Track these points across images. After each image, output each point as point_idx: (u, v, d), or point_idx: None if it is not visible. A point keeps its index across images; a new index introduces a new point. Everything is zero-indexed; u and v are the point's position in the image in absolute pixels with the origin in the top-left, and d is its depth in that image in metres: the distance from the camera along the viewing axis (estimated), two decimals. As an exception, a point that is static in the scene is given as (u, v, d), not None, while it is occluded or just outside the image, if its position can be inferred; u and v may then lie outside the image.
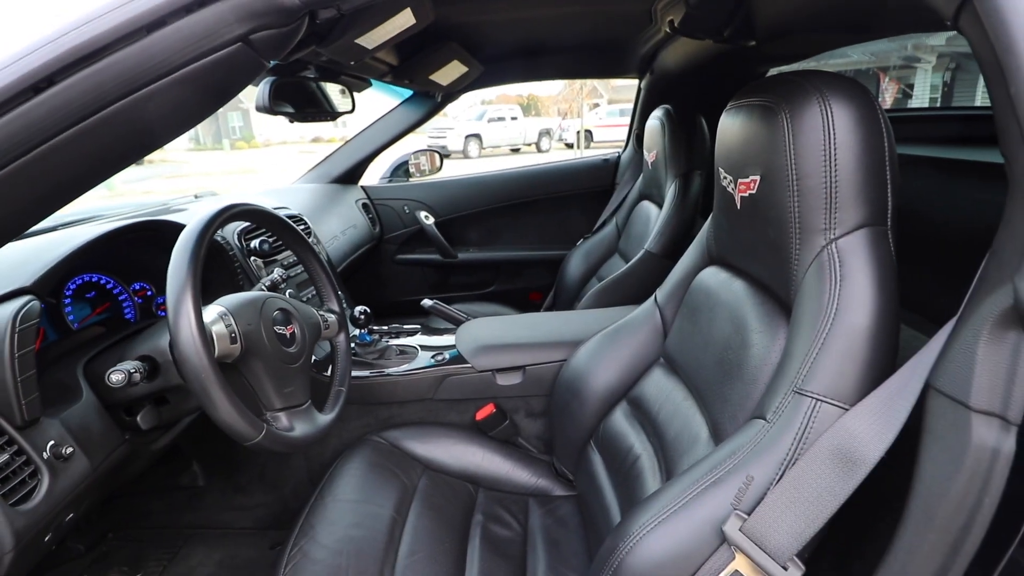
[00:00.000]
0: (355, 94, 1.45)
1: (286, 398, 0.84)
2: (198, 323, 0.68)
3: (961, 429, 0.46)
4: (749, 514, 0.57)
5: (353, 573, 0.86)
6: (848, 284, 0.60)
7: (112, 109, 0.44)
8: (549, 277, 2.15)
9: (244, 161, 15.87)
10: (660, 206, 1.62)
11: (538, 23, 1.40)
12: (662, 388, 0.98)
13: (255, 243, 1.20)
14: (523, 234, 2.26)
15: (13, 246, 0.77)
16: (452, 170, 2.40)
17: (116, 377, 0.67)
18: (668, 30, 1.13)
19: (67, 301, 0.90)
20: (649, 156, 1.69)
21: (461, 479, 1.16)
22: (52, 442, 0.70)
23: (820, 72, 0.66)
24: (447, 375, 1.25)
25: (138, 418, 0.81)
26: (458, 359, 1.26)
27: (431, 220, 2.11)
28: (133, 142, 0.49)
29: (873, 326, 0.58)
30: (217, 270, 1.11)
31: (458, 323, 1.46)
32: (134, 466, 0.89)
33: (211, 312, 0.75)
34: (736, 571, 0.57)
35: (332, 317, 1.04)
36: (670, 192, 1.54)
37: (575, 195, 2.22)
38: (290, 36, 0.49)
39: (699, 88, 1.73)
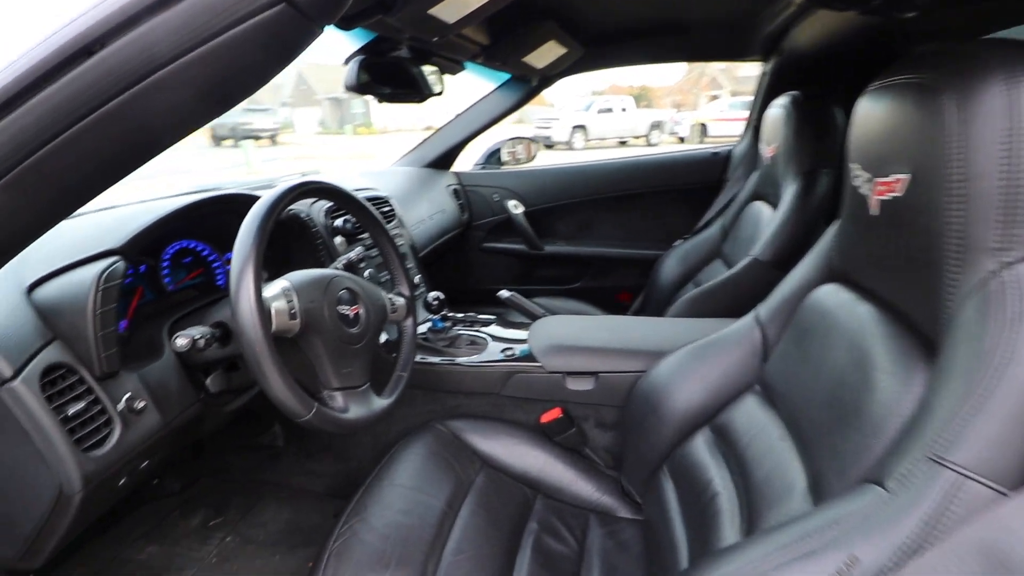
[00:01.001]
0: (450, 77, 1.43)
1: (344, 378, 0.83)
2: (257, 297, 0.68)
3: None
4: (850, 608, 0.44)
5: (396, 561, 0.84)
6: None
7: (143, 85, 0.43)
8: (641, 278, 2.01)
9: (364, 146, 17.04)
10: (775, 207, 1.42)
11: (642, 2, 1.27)
12: (755, 420, 0.85)
13: (339, 222, 1.22)
14: (616, 230, 2.13)
15: (113, 212, 0.83)
16: (552, 161, 2.33)
17: (180, 342, 0.69)
18: (812, 1, 0.96)
19: (165, 265, 0.97)
20: (767, 150, 1.49)
21: (520, 481, 1.10)
22: (128, 395, 0.74)
23: (1002, 41, 0.49)
24: (515, 372, 1.19)
25: (208, 381, 0.85)
26: (529, 356, 1.20)
27: (520, 209, 2.06)
28: (165, 123, 0.48)
29: None
30: (300, 245, 1.14)
31: (534, 318, 1.39)
32: (207, 424, 0.94)
33: (275, 287, 0.76)
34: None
35: (401, 301, 1.03)
36: (789, 192, 1.34)
37: (678, 190, 2.05)
38: None
39: (835, 73, 1.48)
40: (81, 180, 0.52)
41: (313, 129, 26.00)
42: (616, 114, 15.92)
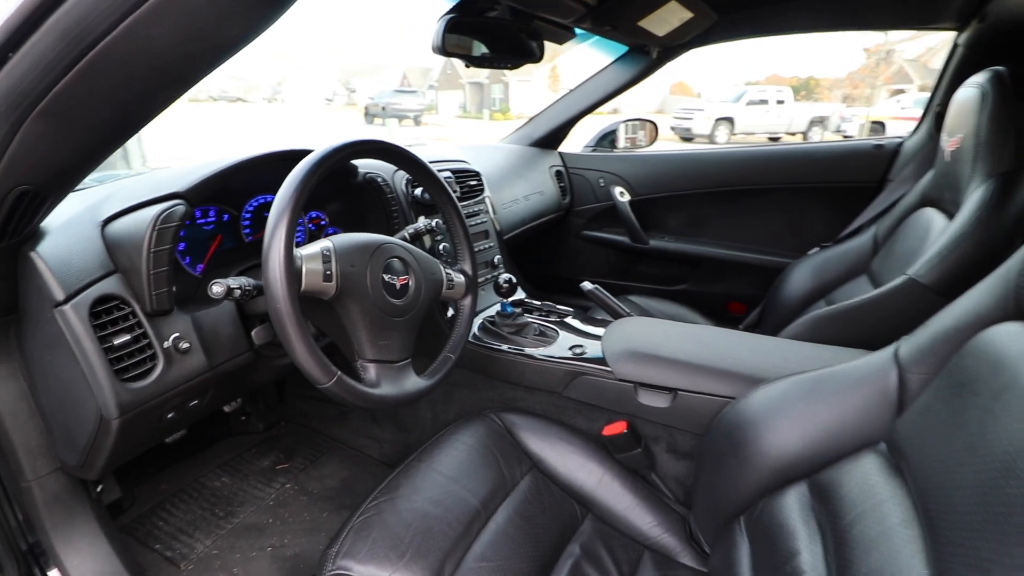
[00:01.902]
0: (556, 54, 1.31)
1: (380, 350, 0.78)
2: (287, 253, 0.64)
3: None
4: None
5: (413, 553, 0.78)
6: None
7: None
8: (760, 288, 1.72)
9: (498, 129, 17.51)
10: (951, 217, 1.10)
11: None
12: (872, 489, 0.63)
13: (418, 191, 1.18)
14: (736, 229, 1.85)
15: (198, 162, 0.86)
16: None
17: (215, 289, 0.69)
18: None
19: (247, 216, 1.01)
20: (949, 143, 1.16)
21: (569, 494, 0.99)
22: (176, 335, 0.76)
23: None
24: (581, 372, 1.06)
25: (252, 332, 0.86)
26: (600, 358, 1.07)
27: (626, 198, 1.88)
28: (187, 49, 0.45)
29: None
30: (376, 211, 1.12)
31: (617, 316, 1.24)
32: (258, 376, 0.96)
33: (315, 246, 0.72)
34: None
35: (460, 278, 0.95)
36: (974, 198, 1.02)
37: (822, 189, 1.71)
38: None
39: None
40: (115, 104, 0.50)
41: (454, 112, 27.35)
42: (770, 107, 14.38)
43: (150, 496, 1.25)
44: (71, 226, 0.72)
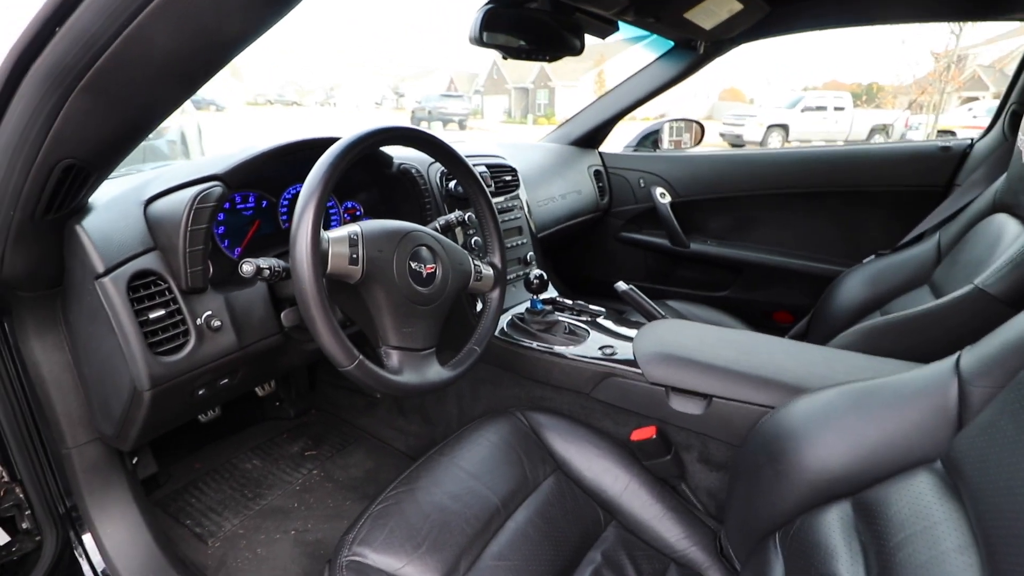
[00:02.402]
0: (602, 70, 1.27)
1: (403, 337, 0.77)
2: (314, 235, 0.65)
3: None
4: None
5: (429, 545, 0.77)
6: None
7: None
8: (809, 297, 1.63)
9: (541, 134, 17.50)
10: (1027, 222, 1.01)
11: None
12: (924, 510, 0.57)
13: (452, 184, 1.18)
14: (784, 234, 1.76)
15: (239, 147, 0.88)
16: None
17: (245, 267, 0.70)
18: None
19: (284, 204, 1.03)
20: (1028, 141, 1.06)
21: (593, 499, 0.95)
22: (208, 313, 0.78)
23: None
24: (610, 374, 1.03)
25: (282, 315, 0.87)
26: (631, 360, 1.03)
27: (667, 199, 1.82)
28: (216, 26, 0.46)
29: None
30: (409, 201, 1.12)
31: (652, 318, 1.20)
32: (287, 359, 0.97)
33: (342, 230, 0.72)
34: None
35: (488, 271, 0.94)
36: (1055, 200, 0.93)
37: (881, 193, 1.60)
38: None
39: None
40: (146, 86, 0.52)
41: (499, 117, 27.58)
42: (828, 113, 13.77)
43: (184, 473, 1.30)
44: (116, 204, 0.76)
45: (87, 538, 0.89)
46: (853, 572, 0.59)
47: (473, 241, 1.20)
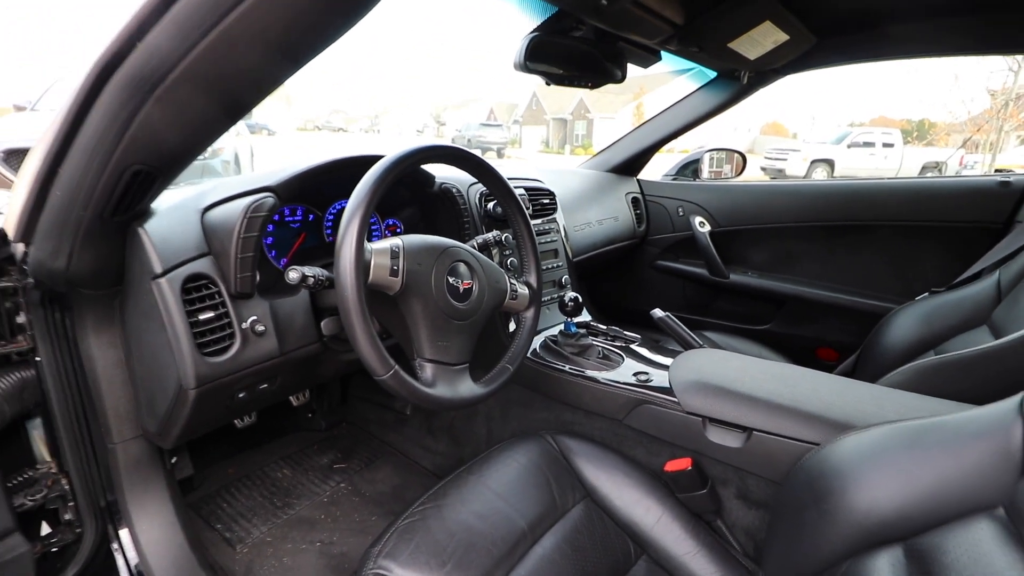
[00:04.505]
0: (644, 84, 1.29)
1: (438, 351, 0.78)
2: (358, 246, 0.67)
3: None
4: None
5: (454, 564, 0.76)
6: None
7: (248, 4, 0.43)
8: (856, 335, 1.56)
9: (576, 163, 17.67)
10: (1099, 260, 0.94)
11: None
12: (983, 559, 0.53)
13: (491, 205, 1.20)
14: (830, 267, 1.70)
15: (290, 161, 0.93)
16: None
17: (292, 275, 0.73)
18: None
19: (329, 219, 1.07)
20: (1100, 176, 1.00)
21: (624, 530, 0.92)
22: (254, 318, 0.81)
23: None
24: (644, 400, 1.00)
25: (322, 323, 0.89)
26: (667, 388, 1.00)
27: (706, 228, 1.80)
28: (281, 39, 0.49)
29: None
30: (449, 220, 1.15)
31: (689, 347, 1.17)
32: (324, 368, 0.99)
33: (385, 243, 0.74)
34: None
35: (524, 290, 0.94)
36: None
37: (936, 228, 1.54)
38: None
39: None
40: (212, 99, 0.56)
41: (537, 147, 28.05)
42: (876, 149, 13.40)
43: (217, 478, 1.32)
44: (175, 210, 0.80)
45: (124, 533, 0.91)
46: None
47: (509, 261, 1.21)
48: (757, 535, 0.91)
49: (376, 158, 0.77)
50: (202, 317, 0.76)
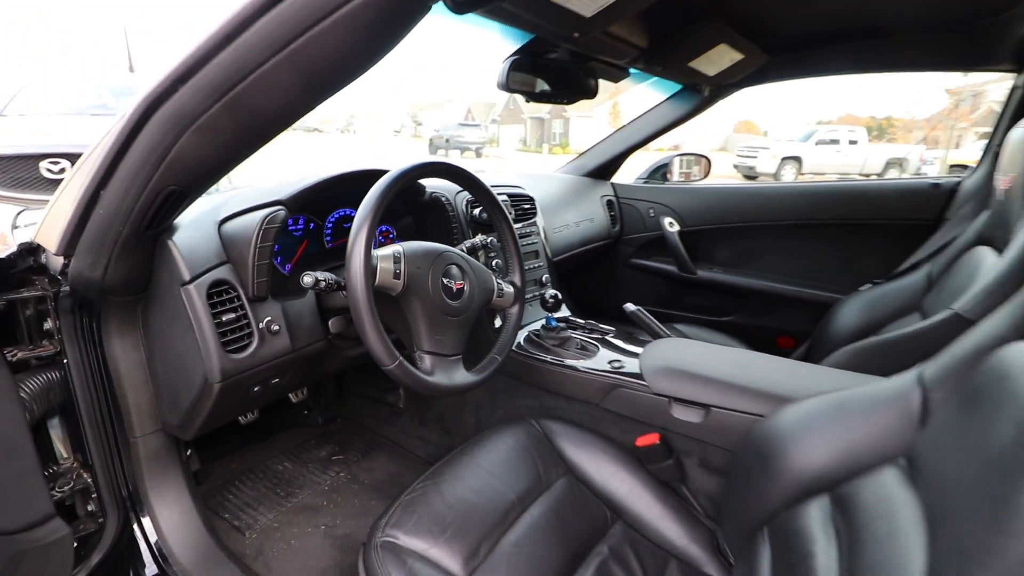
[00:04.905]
0: (616, 103, 1.42)
1: (435, 344, 0.88)
2: (366, 253, 0.77)
3: None
4: None
5: (453, 531, 0.86)
6: None
7: (288, 51, 0.52)
8: (809, 323, 1.72)
9: (556, 163, 17.83)
10: (1001, 253, 1.10)
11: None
12: (888, 498, 0.66)
13: (476, 211, 1.31)
14: (786, 263, 1.85)
15: (296, 176, 1.02)
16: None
17: (306, 279, 0.82)
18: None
19: (329, 226, 1.16)
20: (1002, 181, 1.16)
21: (601, 500, 1.04)
22: (269, 318, 0.91)
23: None
24: (618, 385, 1.13)
25: (330, 322, 0.99)
26: (638, 374, 1.12)
27: (675, 228, 1.93)
28: (307, 83, 0.57)
29: None
30: (438, 225, 1.25)
31: (658, 337, 1.30)
32: (328, 364, 1.09)
33: (388, 249, 0.84)
34: None
35: (509, 289, 1.05)
36: (1022, 234, 1.02)
37: (878, 225, 1.70)
38: None
39: None
40: (243, 131, 0.65)
41: (515, 146, 28.18)
42: (842, 147, 13.88)
43: (222, 473, 1.40)
44: (195, 223, 0.89)
45: (145, 520, 0.99)
46: (827, 551, 0.68)
47: (495, 263, 1.32)
48: (716, 498, 1.03)
49: (377, 172, 0.87)
50: (225, 318, 0.85)
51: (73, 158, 3.57)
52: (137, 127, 0.64)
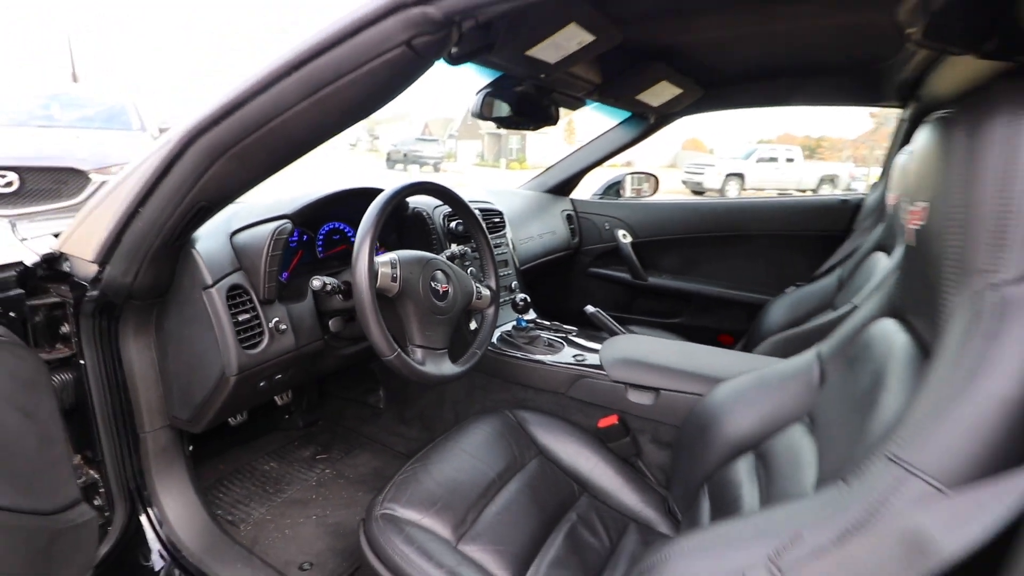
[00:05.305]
0: (572, 124, 1.60)
1: (426, 339, 1.02)
2: (369, 261, 0.90)
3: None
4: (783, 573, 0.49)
5: (442, 504, 0.98)
6: (1001, 343, 0.45)
7: (319, 95, 0.66)
8: (746, 322, 1.95)
9: (513, 179, 18.15)
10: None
11: (763, 41, 1.31)
12: (795, 447, 0.85)
13: (453, 224, 1.45)
14: (725, 269, 2.09)
15: (295, 192, 1.14)
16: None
17: (315, 283, 0.94)
18: (915, 43, 0.96)
19: (320, 238, 1.28)
20: (890, 198, 1.41)
21: (569, 476, 1.19)
22: (276, 319, 1.02)
23: (1018, 75, 0.52)
24: (582, 376, 1.29)
25: (330, 322, 1.11)
26: (598, 365, 1.29)
27: (628, 239, 2.14)
28: (332, 119, 0.71)
29: (1018, 400, 0.43)
30: (420, 237, 1.39)
31: (614, 335, 1.47)
32: (326, 362, 1.20)
33: (386, 257, 0.98)
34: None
35: (486, 292, 1.20)
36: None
37: (798, 236, 1.96)
38: (444, 41, 0.64)
39: None
40: (272, 157, 0.78)
41: (472, 161, 28.48)
42: (780, 164, 14.89)
43: (210, 474, 1.46)
44: (211, 234, 0.99)
45: (153, 510, 1.07)
46: (751, 493, 0.85)
47: (469, 270, 1.47)
48: (666, 469, 1.21)
49: (373, 190, 1.00)
50: (240, 318, 0.96)
51: (22, 171, 3.47)
52: (178, 155, 0.75)
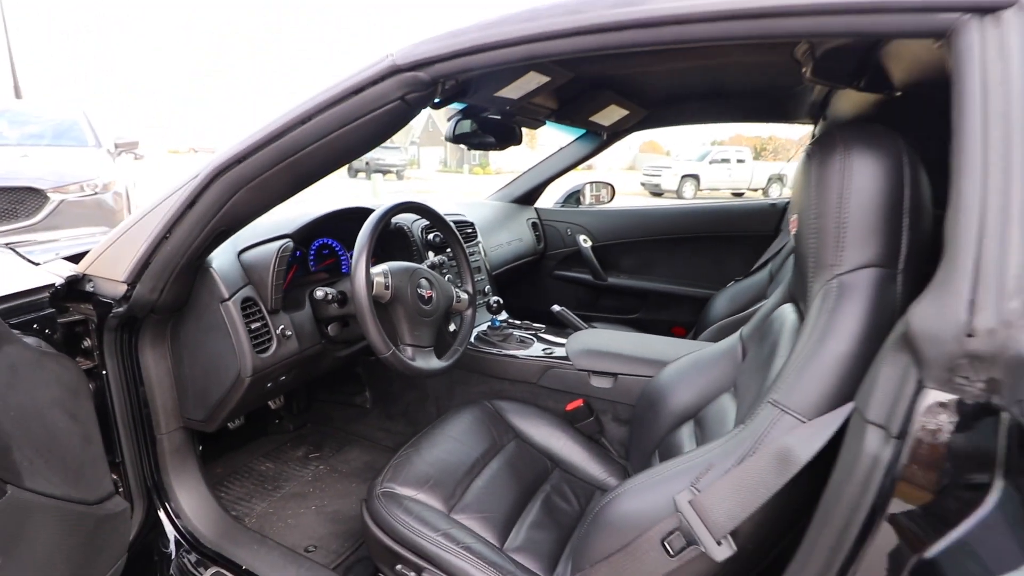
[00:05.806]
0: (533, 131, 1.79)
1: (414, 338, 1.17)
2: (366, 272, 1.05)
3: (859, 439, 0.51)
4: (700, 492, 0.67)
5: (434, 482, 1.14)
6: (838, 315, 0.65)
7: (329, 138, 0.81)
8: (694, 314, 2.18)
9: (477, 184, 18.33)
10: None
11: (695, 72, 1.53)
12: (722, 412, 1.05)
13: (431, 236, 1.61)
14: (675, 268, 2.32)
15: (294, 212, 1.27)
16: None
17: (318, 293, 1.09)
18: (808, 80, 1.19)
19: (312, 253, 1.41)
20: (806, 203, 1.65)
21: (543, 454, 1.36)
22: (282, 326, 1.15)
23: (856, 123, 0.72)
24: (551, 367, 1.47)
25: (329, 328, 1.25)
26: (565, 357, 1.47)
27: (588, 244, 2.34)
28: (339, 156, 0.86)
29: (849, 354, 0.63)
30: (402, 248, 1.54)
31: (578, 330, 1.66)
32: (323, 363, 1.34)
33: (379, 268, 1.13)
34: (677, 533, 0.68)
35: (464, 296, 1.37)
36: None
37: (735, 237, 2.21)
38: (431, 95, 0.81)
39: None
40: (286, 187, 0.92)
41: (435, 167, 28.50)
42: (732, 165, 15.61)
43: (209, 477, 1.56)
44: (222, 254, 1.12)
45: (170, 504, 1.18)
46: (690, 446, 1.04)
47: (447, 278, 1.63)
48: (625, 442, 1.39)
49: (361, 210, 1.15)
50: (253, 327, 1.09)
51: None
52: (205, 188, 0.89)
